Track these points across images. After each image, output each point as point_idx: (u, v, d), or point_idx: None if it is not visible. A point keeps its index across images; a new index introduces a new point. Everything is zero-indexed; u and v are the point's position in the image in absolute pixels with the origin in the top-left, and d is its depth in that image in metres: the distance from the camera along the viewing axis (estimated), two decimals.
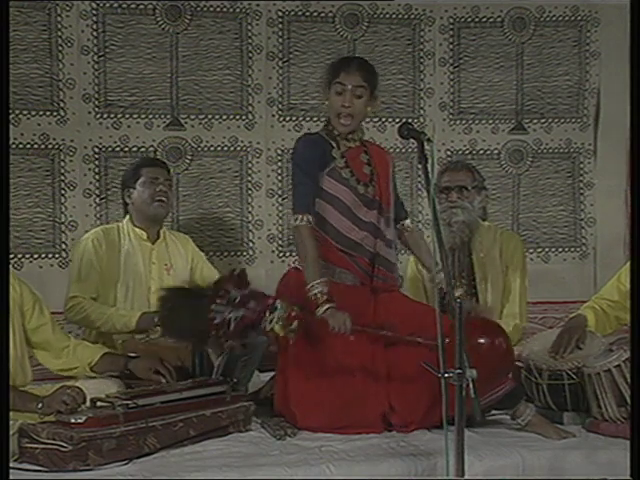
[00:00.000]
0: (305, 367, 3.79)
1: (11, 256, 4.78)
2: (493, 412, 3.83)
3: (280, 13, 5.23)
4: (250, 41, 5.20)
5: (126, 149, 5.08)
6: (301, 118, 5.28)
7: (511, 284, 4.61)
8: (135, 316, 4.30)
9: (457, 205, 4.52)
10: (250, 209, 5.24)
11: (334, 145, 3.88)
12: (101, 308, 4.37)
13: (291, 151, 3.98)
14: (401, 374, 3.79)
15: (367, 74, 3.87)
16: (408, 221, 4.11)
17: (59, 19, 4.95)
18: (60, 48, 4.96)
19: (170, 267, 4.58)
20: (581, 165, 5.54)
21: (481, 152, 5.47)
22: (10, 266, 4.36)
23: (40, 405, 3.42)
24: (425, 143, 3.41)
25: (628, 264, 3.77)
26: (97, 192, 5.02)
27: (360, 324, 3.75)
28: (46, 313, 3.85)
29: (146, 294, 4.50)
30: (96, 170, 5.02)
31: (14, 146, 4.84)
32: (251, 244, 5.26)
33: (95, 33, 5.01)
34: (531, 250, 5.46)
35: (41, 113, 4.95)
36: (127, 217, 4.58)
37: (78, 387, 3.48)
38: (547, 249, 5.54)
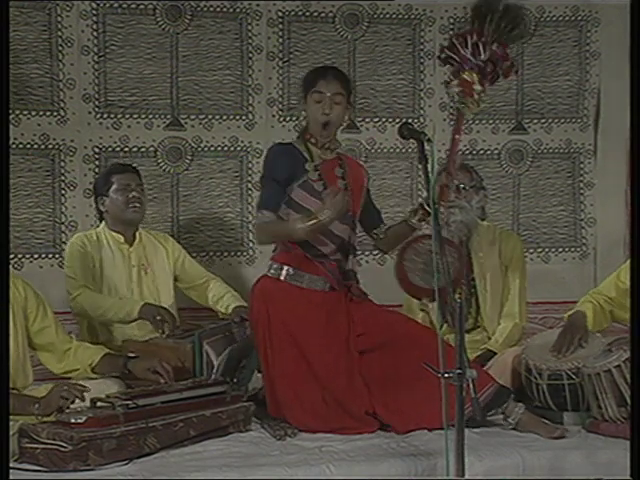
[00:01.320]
0: (287, 371, 3.80)
1: (11, 256, 4.78)
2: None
3: (280, 13, 5.22)
4: (250, 41, 5.20)
5: (126, 149, 5.07)
6: (301, 118, 5.24)
7: (510, 283, 4.61)
8: (138, 305, 4.31)
9: (455, 204, 4.51)
10: (250, 209, 5.23)
11: (307, 157, 3.84)
12: (104, 297, 4.41)
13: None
14: (376, 379, 3.81)
15: (344, 82, 3.87)
16: (383, 227, 4.03)
17: (59, 19, 4.95)
18: (60, 48, 4.96)
19: (147, 266, 4.60)
20: (581, 165, 5.54)
21: (481, 152, 5.47)
22: (11, 267, 4.37)
23: (37, 406, 3.41)
24: (425, 143, 3.41)
25: (628, 262, 3.77)
26: None
27: (333, 328, 3.79)
28: (50, 315, 3.84)
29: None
30: (96, 170, 5.02)
31: (14, 146, 4.84)
32: (251, 244, 5.25)
33: (95, 33, 5.01)
34: (531, 250, 5.45)
35: (41, 113, 4.95)
36: (103, 223, 4.61)
37: (73, 381, 3.49)
38: (547, 249, 5.53)
